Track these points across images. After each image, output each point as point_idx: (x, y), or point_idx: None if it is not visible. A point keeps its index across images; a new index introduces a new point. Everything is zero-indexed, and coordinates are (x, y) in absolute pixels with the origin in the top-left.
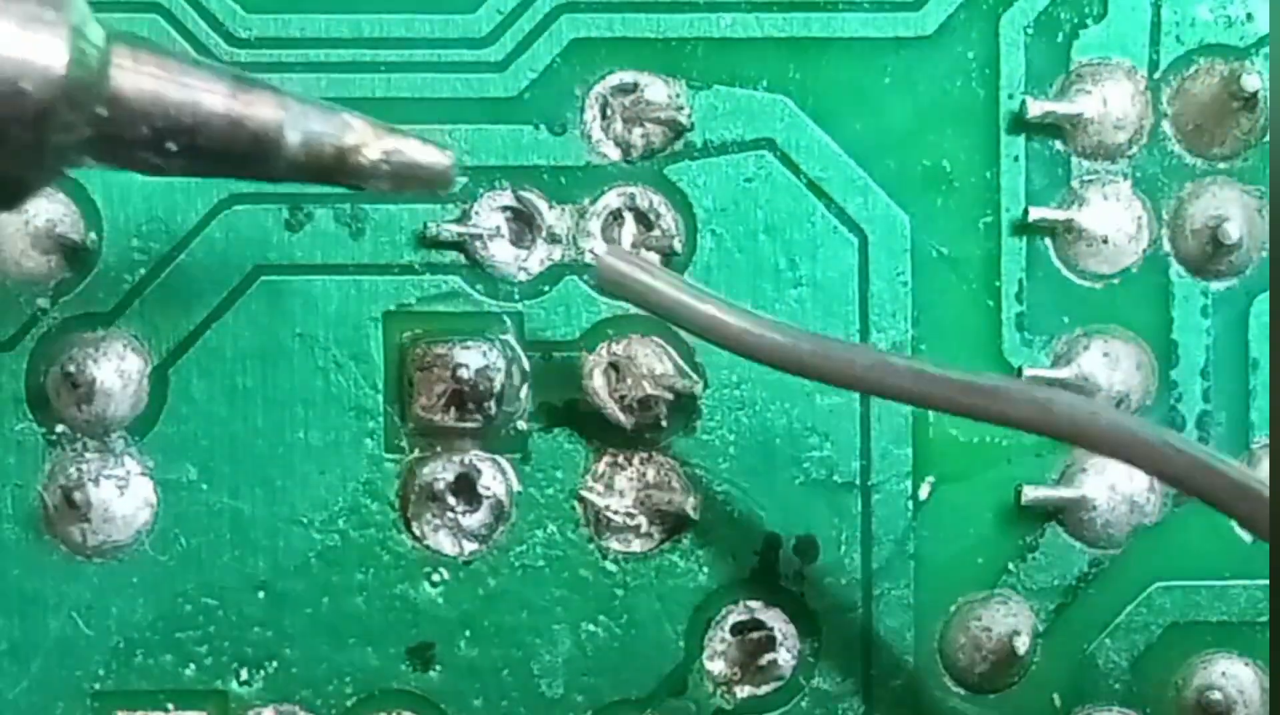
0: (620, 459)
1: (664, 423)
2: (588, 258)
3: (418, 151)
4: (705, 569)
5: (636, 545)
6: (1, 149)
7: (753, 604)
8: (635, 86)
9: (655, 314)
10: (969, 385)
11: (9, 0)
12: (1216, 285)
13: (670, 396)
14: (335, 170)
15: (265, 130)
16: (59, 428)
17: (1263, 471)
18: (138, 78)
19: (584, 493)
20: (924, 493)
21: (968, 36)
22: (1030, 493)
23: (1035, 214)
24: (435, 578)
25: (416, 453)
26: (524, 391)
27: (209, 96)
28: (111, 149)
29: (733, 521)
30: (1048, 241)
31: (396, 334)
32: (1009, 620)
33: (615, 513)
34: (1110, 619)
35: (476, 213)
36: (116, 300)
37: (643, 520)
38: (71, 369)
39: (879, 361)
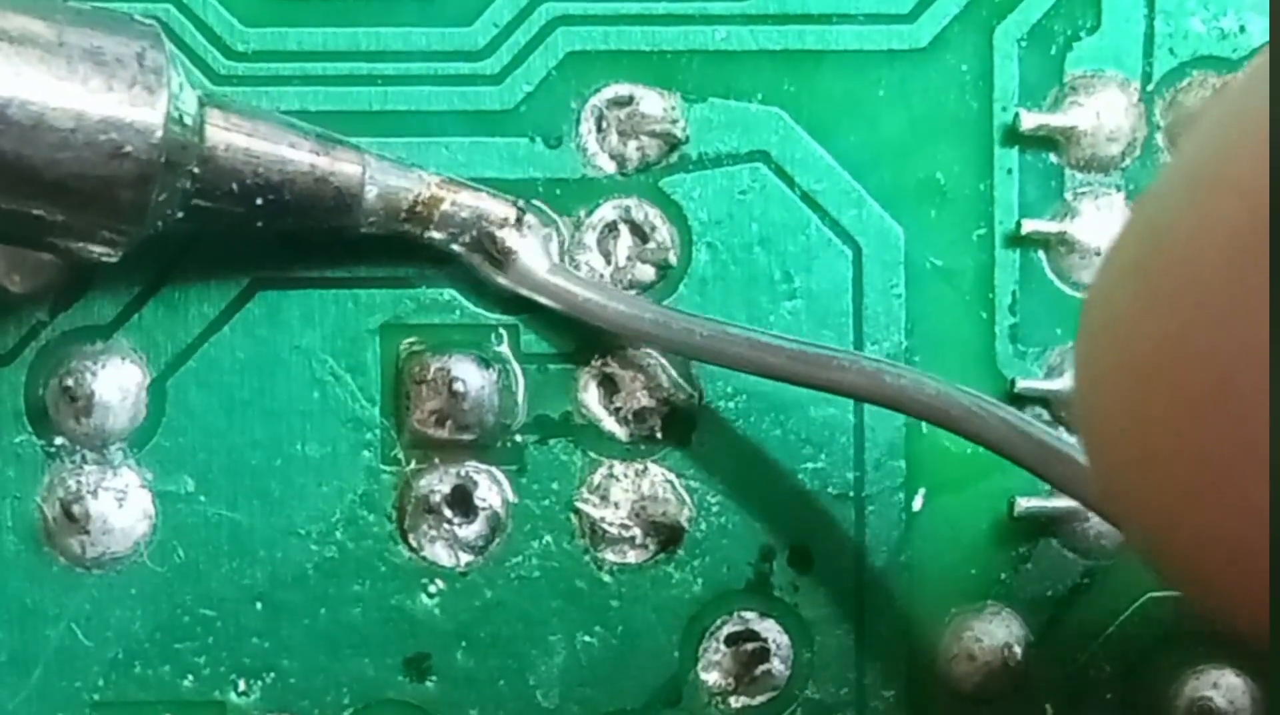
0: (615, 471)
1: (659, 435)
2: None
3: (487, 203)
4: (700, 580)
5: (632, 556)
6: (109, 209)
7: (747, 615)
8: (630, 99)
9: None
10: (801, 355)
11: (115, 67)
12: None
13: (665, 409)
14: (410, 222)
15: (348, 185)
16: (58, 440)
17: None
18: (229, 137)
19: (579, 504)
20: (917, 504)
21: (961, 49)
22: (1023, 504)
23: (1029, 226)
24: (432, 589)
25: (413, 465)
26: (520, 404)
27: (295, 153)
28: (203, 205)
29: (727, 533)
30: (1041, 253)
31: (393, 347)
32: (1002, 631)
33: (610, 524)
34: (1103, 630)
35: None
36: (115, 313)
37: (638, 532)
38: (70, 382)
39: (717, 331)
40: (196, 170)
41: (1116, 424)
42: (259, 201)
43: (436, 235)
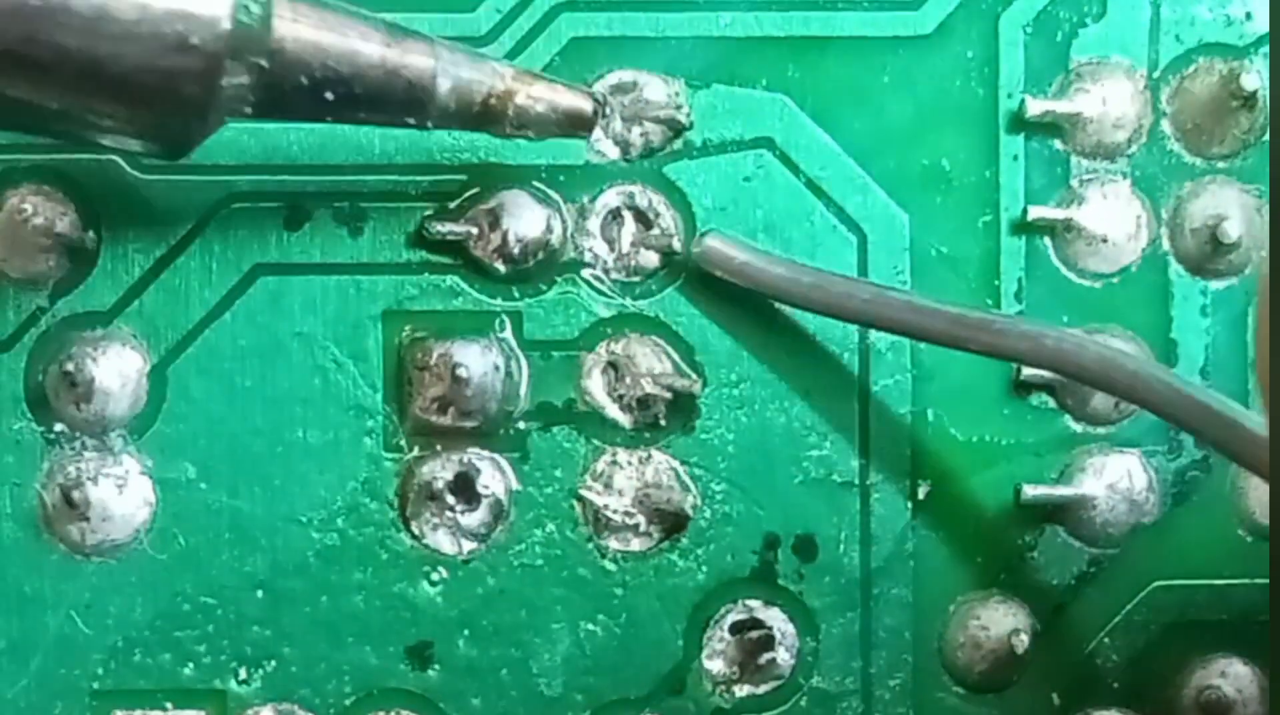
0: (619, 458)
1: (663, 422)
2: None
3: (562, 96)
4: (704, 568)
5: (635, 544)
6: (173, 102)
7: (751, 603)
8: (634, 85)
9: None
10: (962, 318)
11: None
12: (1216, 284)
13: (669, 395)
14: (483, 117)
15: (419, 78)
16: (58, 427)
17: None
18: (297, 28)
19: (583, 492)
20: (923, 492)
21: (967, 35)
22: (1029, 491)
23: (1034, 213)
24: (434, 577)
25: (415, 452)
26: (523, 390)
27: (365, 46)
28: (271, 99)
29: (732, 520)
30: (1047, 240)
31: (395, 333)
32: (1008, 619)
33: (614, 512)
34: (1109, 618)
35: (475, 211)
36: (115, 299)
37: (641, 519)
38: (70, 368)
39: (877, 294)
40: (264, 64)
41: None
42: (329, 95)
43: (509, 131)
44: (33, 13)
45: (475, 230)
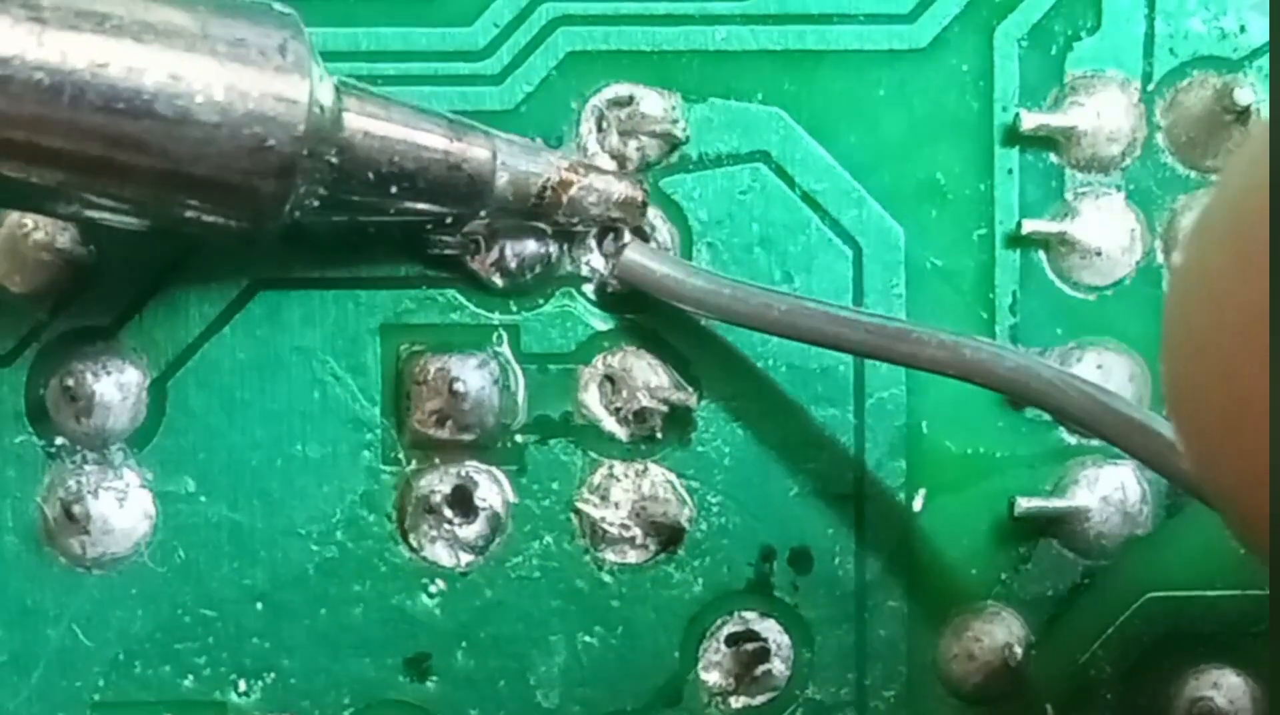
0: (616, 471)
1: (659, 435)
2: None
3: (615, 187)
4: (700, 580)
5: (632, 557)
6: (249, 201)
7: (747, 615)
8: (631, 99)
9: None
10: (880, 329)
11: (259, 59)
12: None
13: (665, 409)
14: (538, 208)
15: (480, 171)
16: (58, 441)
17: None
18: (367, 124)
19: (580, 504)
20: (917, 504)
21: (962, 49)
22: (1023, 504)
23: (1029, 226)
24: (432, 589)
25: (413, 465)
26: (520, 404)
27: (430, 139)
28: (338, 193)
29: (728, 533)
30: (1041, 254)
31: (393, 347)
32: (1002, 631)
33: (611, 524)
34: (1103, 630)
35: (473, 226)
36: (115, 314)
37: (638, 532)
38: (70, 382)
39: (795, 306)
40: (334, 160)
41: (1207, 383)
42: (393, 189)
43: (562, 220)
44: (118, 117)
45: (473, 245)
